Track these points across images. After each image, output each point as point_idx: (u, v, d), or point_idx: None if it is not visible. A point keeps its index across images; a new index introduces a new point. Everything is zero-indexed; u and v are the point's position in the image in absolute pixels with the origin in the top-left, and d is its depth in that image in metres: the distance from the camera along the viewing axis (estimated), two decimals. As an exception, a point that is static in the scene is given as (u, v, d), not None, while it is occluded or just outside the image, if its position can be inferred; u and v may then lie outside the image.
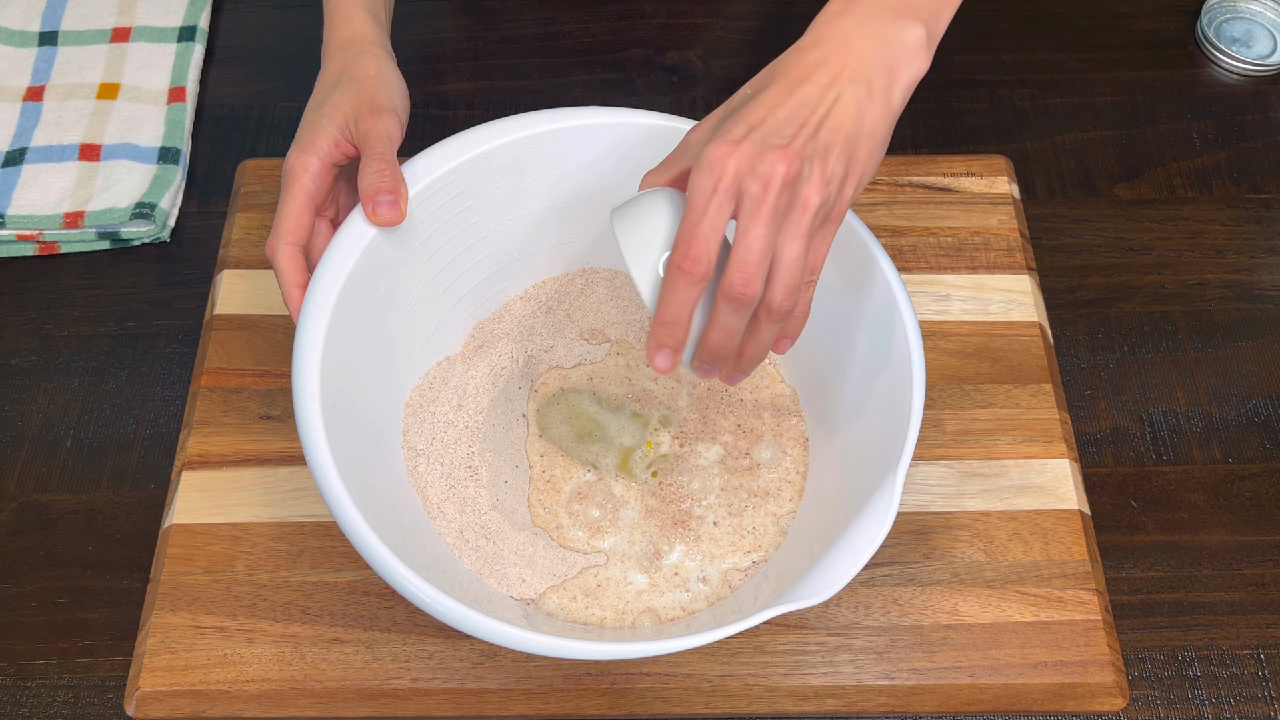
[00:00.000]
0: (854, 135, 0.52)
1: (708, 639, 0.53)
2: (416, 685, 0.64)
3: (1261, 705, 0.66)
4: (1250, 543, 0.72)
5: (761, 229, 0.50)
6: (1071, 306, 0.81)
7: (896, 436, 0.58)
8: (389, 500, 0.63)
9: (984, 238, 0.80)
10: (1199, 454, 0.75)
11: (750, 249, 0.50)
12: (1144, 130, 0.89)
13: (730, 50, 0.94)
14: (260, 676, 0.64)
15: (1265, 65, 0.92)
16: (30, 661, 0.67)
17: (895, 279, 0.62)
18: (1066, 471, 0.71)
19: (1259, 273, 0.82)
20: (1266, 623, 0.69)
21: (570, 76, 0.68)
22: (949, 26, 0.57)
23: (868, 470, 0.60)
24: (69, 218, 0.81)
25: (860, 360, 0.65)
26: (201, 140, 0.88)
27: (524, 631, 0.53)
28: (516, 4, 0.96)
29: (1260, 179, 0.87)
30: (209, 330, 0.76)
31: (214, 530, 0.69)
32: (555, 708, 0.65)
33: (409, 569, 0.54)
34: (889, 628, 0.66)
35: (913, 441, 0.58)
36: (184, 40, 0.90)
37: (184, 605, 0.66)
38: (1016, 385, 0.74)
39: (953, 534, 0.69)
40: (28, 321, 0.79)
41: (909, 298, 0.62)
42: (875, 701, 0.65)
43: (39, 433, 0.75)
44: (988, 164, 0.84)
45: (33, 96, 0.87)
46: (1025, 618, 0.66)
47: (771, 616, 0.53)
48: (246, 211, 0.81)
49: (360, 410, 0.63)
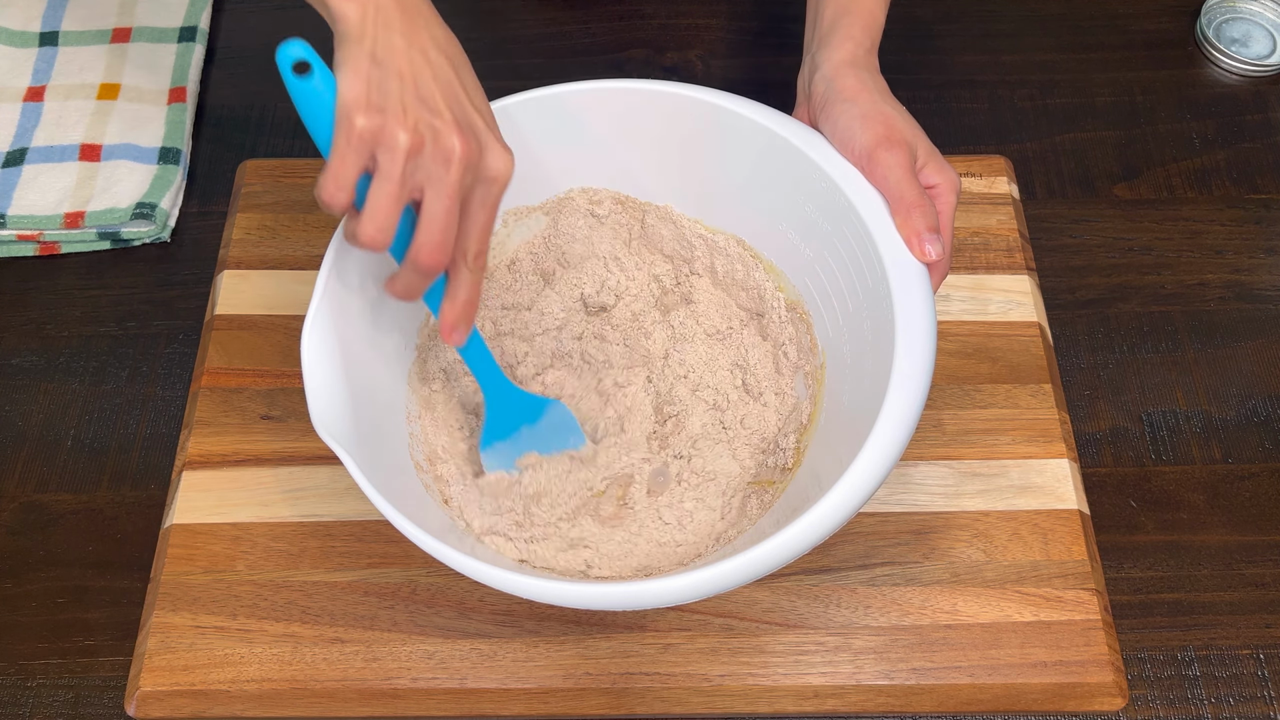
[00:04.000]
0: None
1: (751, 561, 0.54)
2: (417, 685, 0.64)
3: (1261, 705, 0.66)
4: (1250, 543, 0.72)
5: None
6: (1071, 306, 0.81)
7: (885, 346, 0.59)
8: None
9: (984, 238, 0.80)
10: (1198, 454, 0.75)
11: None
12: (1143, 130, 0.90)
13: (730, 50, 0.94)
14: (260, 676, 0.64)
15: (1265, 65, 0.92)
16: (30, 661, 0.67)
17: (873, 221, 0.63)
18: (1066, 471, 0.71)
19: (1259, 273, 0.82)
20: (1266, 623, 0.69)
21: (570, 77, 0.68)
22: (950, 27, 0.58)
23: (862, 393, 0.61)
24: (69, 218, 0.81)
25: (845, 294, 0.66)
26: (202, 140, 0.88)
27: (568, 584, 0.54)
28: (516, 4, 0.96)
29: (1260, 179, 0.87)
30: (209, 330, 0.76)
31: (214, 530, 0.69)
32: (555, 708, 0.65)
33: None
34: (889, 628, 0.66)
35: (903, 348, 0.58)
36: (184, 40, 0.90)
37: (184, 605, 0.66)
38: (1016, 385, 0.74)
39: (952, 534, 0.69)
40: (28, 321, 0.80)
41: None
42: (875, 701, 0.65)
43: (39, 433, 0.75)
44: (987, 164, 0.84)
45: (33, 97, 0.88)
46: (1025, 618, 0.66)
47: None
48: (247, 212, 0.82)
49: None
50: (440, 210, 0.55)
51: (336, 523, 0.69)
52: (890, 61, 0.94)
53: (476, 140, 0.55)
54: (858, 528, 0.69)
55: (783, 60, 0.72)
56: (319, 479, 0.70)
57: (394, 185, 0.54)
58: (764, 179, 0.68)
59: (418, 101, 0.54)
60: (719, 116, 0.67)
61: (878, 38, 0.69)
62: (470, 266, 0.58)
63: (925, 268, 0.61)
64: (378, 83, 0.53)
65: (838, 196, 0.64)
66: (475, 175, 0.56)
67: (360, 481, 0.56)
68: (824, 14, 0.70)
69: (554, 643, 0.66)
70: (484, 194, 0.57)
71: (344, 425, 0.58)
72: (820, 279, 0.67)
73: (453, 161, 0.54)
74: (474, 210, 0.57)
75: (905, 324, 0.59)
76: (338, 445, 0.56)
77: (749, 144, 0.67)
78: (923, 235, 0.61)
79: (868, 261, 0.63)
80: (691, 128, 0.69)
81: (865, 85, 0.65)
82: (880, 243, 0.62)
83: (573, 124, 0.69)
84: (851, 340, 0.65)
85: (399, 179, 0.53)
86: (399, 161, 0.53)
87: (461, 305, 0.59)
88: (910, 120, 0.65)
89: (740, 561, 0.54)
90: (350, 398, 0.60)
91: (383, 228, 0.54)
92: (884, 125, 0.63)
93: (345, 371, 0.60)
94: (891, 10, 0.72)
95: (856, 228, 0.63)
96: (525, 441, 0.67)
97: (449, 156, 0.54)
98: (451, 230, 0.55)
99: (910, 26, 0.94)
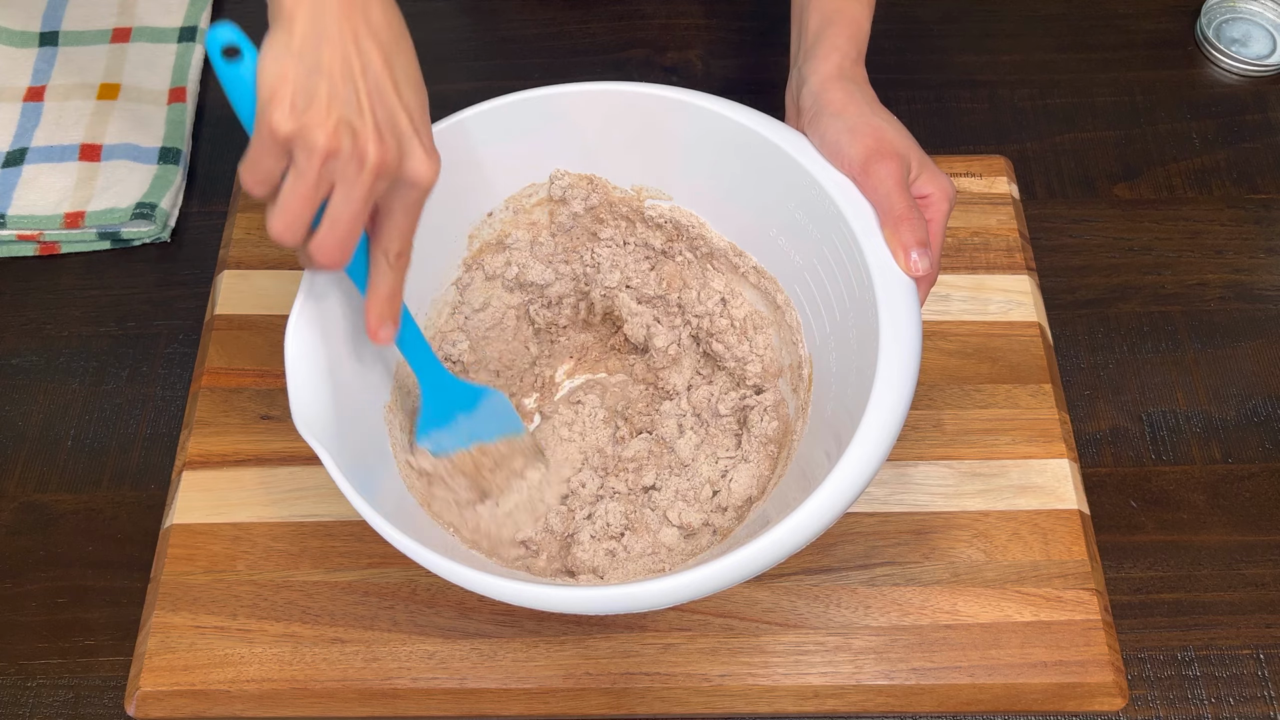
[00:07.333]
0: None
1: (751, 554, 0.53)
2: (417, 685, 0.64)
3: (1261, 705, 0.66)
4: (1250, 543, 0.72)
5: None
6: (1071, 306, 0.81)
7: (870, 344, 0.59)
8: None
9: (983, 238, 0.80)
10: (1199, 454, 0.75)
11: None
12: (1143, 130, 0.90)
13: (730, 50, 0.94)
14: (260, 676, 0.64)
15: (1264, 65, 0.92)
16: (30, 661, 0.67)
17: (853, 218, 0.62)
18: (1066, 471, 0.71)
19: (1259, 273, 0.82)
20: (1266, 623, 0.69)
21: (570, 77, 0.68)
22: (950, 27, 0.57)
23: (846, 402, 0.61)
24: (69, 218, 0.81)
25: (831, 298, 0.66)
26: (202, 140, 0.88)
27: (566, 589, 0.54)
28: (516, 4, 0.96)
29: (1260, 179, 0.87)
30: (209, 330, 0.76)
31: (214, 530, 0.69)
32: (555, 708, 0.65)
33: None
34: (889, 628, 0.66)
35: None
36: (184, 40, 0.91)
37: (184, 605, 0.66)
38: (1016, 385, 0.74)
39: (952, 534, 0.69)
40: (28, 322, 0.80)
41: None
42: (875, 701, 0.65)
43: (39, 433, 0.75)
44: (987, 164, 0.84)
45: (33, 97, 0.88)
46: (1025, 618, 0.66)
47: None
48: (247, 212, 0.82)
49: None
50: (344, 213, 0.53)
51: (336, 523, 0.69)
52: (890, 61, 0.94)
53: (397, 144, 0.54)
54: (858, 528, 0.69)
55: (783, 60, 0.72)
56: (319, 479, 0.70)
57: (307, 185, 0.52)
58: (752, 183, 0.68)
59: (340, 102, 0.52)
60: (711, 121, 0.67)
61: (864, 46, 0.69)
62: (392, 265, 0.57)
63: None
64: (301, 79, 0.52)
65: (826, 204, 0.63)
66: (393, 179, 0.55)
67: (338, 480, 0.55)
68: (809, 25, 0.69)
69: (554, 643, 0.66)
70: (404, 197, 0.56)
71: (326, 423, 0.58)
72: (809, 286, 0.67)
73: (365, 167, 0.53)
74: (395, 212, 0.56)
75: (890, 332, 0.59)
76: (318, 443, 0.56)
77: (739, 147, 0.67)
78: (910, 249, 0.60)
79: (855, 269, 0.62)
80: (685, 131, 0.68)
81: (853, 98, 0.65)
82: (867, 251, 0.61)
83: (561, 124, 0.69)
84: (838, 347, 0.64)
85: (313, 180, 0.52)
86: (314, 164, 0.52)
87: (383, 301, 0.58)
88: (901, 130, 0.64)
89: (729, 563, 0.53)
90: (333, 396, 0.60)
91: (291, 225, 0.53)
92: (873, 138, 0.63)
93: (329, 370, 0.60)
94: (891, 10, 0.72)
95: (844, 235, 0.63)
96: (463, 430, 0.67)
97: (363, 161, 0.53)
98: (353, 234, 0.54)
99: (910, 26, 0.94)
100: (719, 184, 0.69)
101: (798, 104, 0.67)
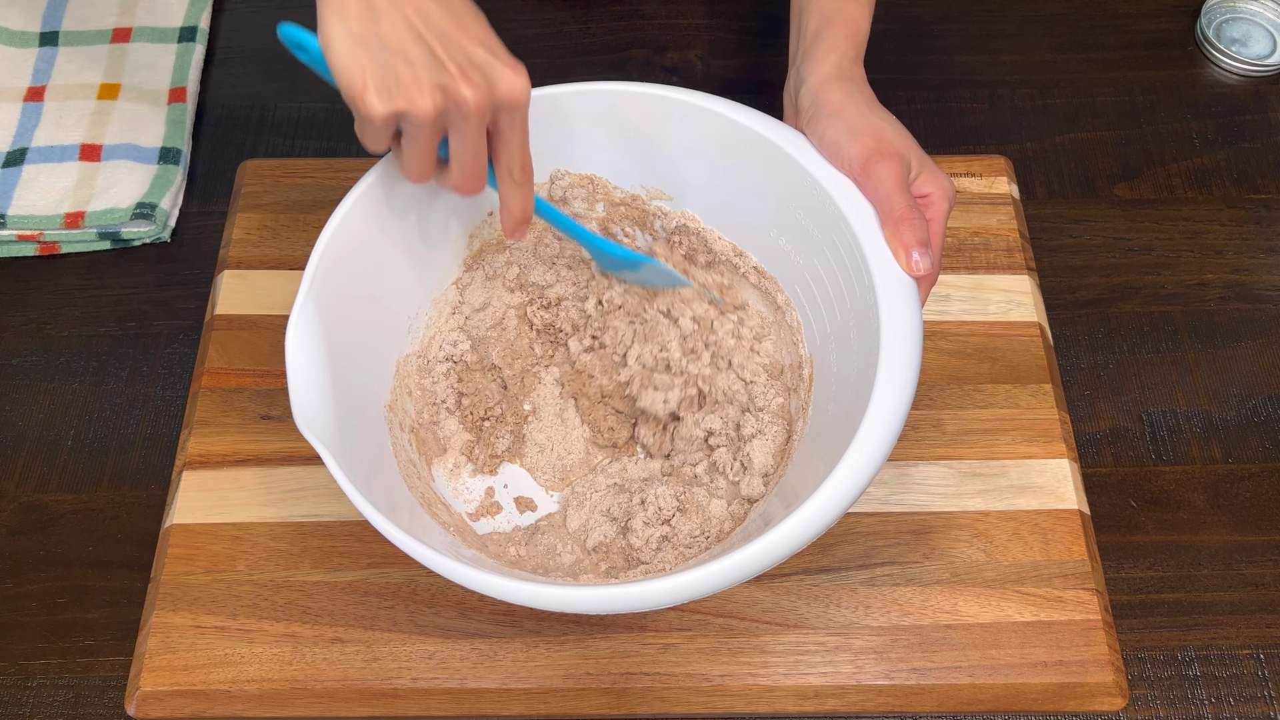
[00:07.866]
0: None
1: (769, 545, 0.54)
2: (417, 685, 0.64)
3: (1261, 705, 0.66)
4: (1250, 543, 0.72)
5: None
6: (1071, 307, 0.81)
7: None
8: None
9: (984, 238, 0.80)
10: (1199, 454, 0.75)
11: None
12: (1143, 130, 0.90)
13: (730, 50, 0.94)
14: (260, 676, 0.64)
15: (1264, 65, 0.92)
16: (30, 661, 0.67)
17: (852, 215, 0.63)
18: (1066, 471, 0.71)
19: (1259, 273, 0.82)
20: (1266, 623, 0.69)
21: (570, 77, 0.68)
22: (950, 27, 0.57)
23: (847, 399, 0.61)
24: (70, 218, 0.81)
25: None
26: (202, 140, 0.88)
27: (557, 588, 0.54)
28: (516, 4, 0.96)
29: (1260, 179, 0.87)
30: (209, 330, 0.76)
31: (214, 530, 0.69)
32: (555, 708, 0.65)
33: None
34: (889, 628, 0.66)
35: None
36: (184, 40, 0.91)
37: (184, 605, 0.66)
38: (1016, 385, 0.74)
39: (952, 534, 0.69)
40: (28, 322, 0.80)
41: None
42: (875, 701, 0.65)
43: (39, 433, 0.75)
44: (987, 164, 0.84)
45: (33, 97, 0.88)
46: (1025, 617, 0.66)
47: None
48: (247, 212, 0.82)
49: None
50: (465, 154, 0.58)
51: (336, 523, 0.69)
52: (890, 61, 0.94)
53: (484, 77, 0.56)
54: (858, 528, 0.69)
55: (783, 60, 0.72)
56: (319, 479, 0.70)
57: (422, 145, 0.57)
58: (753, 183, 0.68)
59: (420, 68, 0.54)
60: (712, 121, 0.67)
61: (863, 46, 0.69)
62: (518, 180, 0.61)
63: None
64: (375, 64, 0.54)
65: (827, 204, 0.63)
66: (494, 107, 0.57)
67: (340, 479, 0.55)
68: (807, 24, 0.69)
69: (554, 643, 0.66)
70: (508, 118, 0.58)
71: (326, 422, 0.58)
72: (810, 286, 0.67)
73: (467, 111, 0.56)
74: (505, 133, 0.59)
75: (891, 332, 0.59)
76: (319, 442, 0.56)
77: (739, 148, 0.67)
78: (911, 249, 0.61)
79: (855, 269, 0.62)
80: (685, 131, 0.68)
81: (851, 98, 0.65)
82: (868, 251, 0.61)
83: (561, 124, 0.69)
84: (839, 347, 0.64)
85: (426, 141, 0.57)
86: (423, 131, 0.56)
87: (517, 217, 0.62)
88: (900, 129, 0.65)
89: (729, 563, 0.53)
90: (334, 396, 0.60)
91: (422, 173, 0.59)
92: (873, 138, 0.63)
93: (330, 370, 0.60)
94: (891, 10, 0.72)
95: (845, 235, 0.63)
96: (630, 278, 0.71)
97: (463, 107, 0.55)
98: (480, 167, 0.59)
99: (910, 26, 0.94)
100: (719, 184, 0.69)
101: (796, 104, 0.67)
